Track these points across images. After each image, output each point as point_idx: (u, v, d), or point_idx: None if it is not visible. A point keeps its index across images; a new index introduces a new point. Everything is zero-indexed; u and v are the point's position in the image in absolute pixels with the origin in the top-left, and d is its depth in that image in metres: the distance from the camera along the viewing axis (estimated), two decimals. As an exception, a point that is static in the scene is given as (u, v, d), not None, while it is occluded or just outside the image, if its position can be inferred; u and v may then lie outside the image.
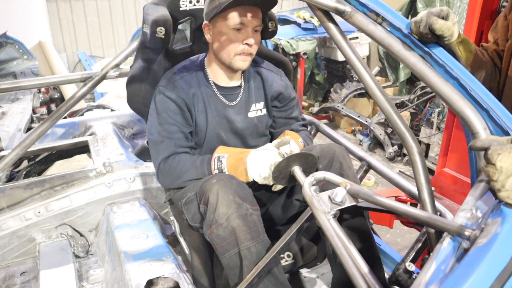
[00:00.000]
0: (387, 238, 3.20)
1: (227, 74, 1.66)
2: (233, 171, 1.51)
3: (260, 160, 1.47)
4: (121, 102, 4.77)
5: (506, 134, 1.11)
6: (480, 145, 0.99)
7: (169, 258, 1.64)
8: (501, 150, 0.91)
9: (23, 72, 4.21)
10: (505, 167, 0.88)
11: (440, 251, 0.81)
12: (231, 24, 1.51)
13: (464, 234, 0.81)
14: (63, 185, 2.15)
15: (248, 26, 1.52)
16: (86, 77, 2.04)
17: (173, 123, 1.59)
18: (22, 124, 3.02)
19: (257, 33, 1.58)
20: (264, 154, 1.48)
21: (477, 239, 0.77)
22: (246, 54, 1.56)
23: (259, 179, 1.47)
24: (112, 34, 6.73)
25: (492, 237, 0.74)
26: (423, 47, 1.25)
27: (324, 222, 1.06)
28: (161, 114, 1.60)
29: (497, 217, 0.80)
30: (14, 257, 2.06)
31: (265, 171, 1.45)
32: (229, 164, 1.52)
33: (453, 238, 0.84)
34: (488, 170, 0.91)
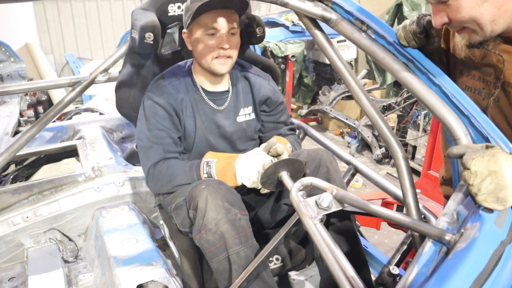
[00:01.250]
0: (374, 239, 3.24)
1: (212, 79, 1.68)
2: (222, 175, 1.52)
3: (249, 164, 1.48)
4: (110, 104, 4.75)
5: (486, 139, 1.15)
6: (456, 151, 1.03)
7: (158, 262, 1.65)
8: (475, 155, 0.95)
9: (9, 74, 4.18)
10: (479, 170, 0.92)
11: (422, 255, 0.84)
12: (204, 29, 1.54)
13: (445, 238, 0.84)
14: (51, 189, 2.15)
15: (222, 30, 1.54)
16: (74, 81, 2.04)
17: (162, 128, 1.61)
18: (9, 127, 2.99)
19: (234, 36, 1.59)
20: (252, 158, 1.50)
21: (457, 243, 0.80)
22: (223, 57, 1.57)
23: (248, 183, 1.49)
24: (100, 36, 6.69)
25: (470, 241, 0.77)
26: (407, 55, 1.28)
27: (311, 227, 1.08)
28: (150, 120, 1.61)
29: (476, 222, 0.83)
30: (1, 262, 2.05)
31: (253, 174, 1.47)
32: (218, 169, 1.53)
33: (434, 242, 0.87)
34: (464, 175, 0.95)
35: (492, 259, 0.74)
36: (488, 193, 0.91)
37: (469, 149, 1.02)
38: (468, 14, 1.07)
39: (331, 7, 1.35)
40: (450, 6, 1.08)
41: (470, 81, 1.32)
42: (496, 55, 1.22)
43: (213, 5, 1.49)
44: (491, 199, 0.90)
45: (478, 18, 1.07)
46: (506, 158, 0.92)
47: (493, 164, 0.91)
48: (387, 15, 5.51)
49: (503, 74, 1.21)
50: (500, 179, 0.90)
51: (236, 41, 1.60)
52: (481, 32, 1.11)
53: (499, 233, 0.81)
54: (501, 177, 0.90)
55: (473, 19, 1.08)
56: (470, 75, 1.32)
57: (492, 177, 0.91)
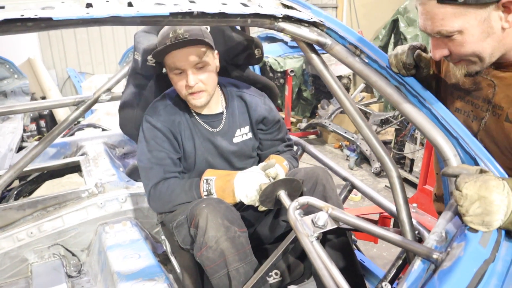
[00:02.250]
0: (373, 252, 3.28)
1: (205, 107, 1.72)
2: (221, 192, 1.58)
3: (247, 182, 1.54)
4: (111, 119, 4.81)
5: (474, 160, 1.21)
6: (451, 172, 1.09)
7: (161, 278, 1.69)
8: (468, 179, 1.00)
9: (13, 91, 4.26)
10: (470, 194, 0.97)
11: (411, 273, 0.89)
12: (170, 70, 1.59)
13: (432, 257, 0.89)
14: (55, 205, 2.20)
15: (186, 68, 1.56)
16: (78, 101, 2.11)
17: (161, 149, 1.66)
18: (13, 143, 3.05)
19: (203, 69, 1.58)
20: (250, 176, 1.55)
21: (443, 262, 0.85)
22: (196, 93, 1.60)
23: (246, 200, 1.54)
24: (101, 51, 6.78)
25: (455, 260, 0.82)
26: (398, 79, 1.35)
27: (307, 245, 1.13)
28: (149, 142, 1.67)
29: (462, 241, 0.88)
30: (6, 277, 2.08)
31: (251, 192, 1.52)
32: (217, 186, 1.58)
33: (423, 260, 0.92)
34: (455, 195, 1.00)
35: (476, 277, 0.79)
36: (475, 215, 0.96)
37: (464, 170, 1.07)
38: (472, 48, 1.12)
39: (326, 32, 1.41)
40: (454, 40, 1.12)
41: (459, 103, 1.38)
42: (487, 80, 1.28)
43: (169, 49, 1.53)
44: (477, 221, 0.95)
45: (480, 52, 1.12)
46: (497, 185, 0.97)
47: (484, 190, 0.97)
48: (384, 30, 5.62)
49: (494, 98, 1.27)
50: (488, 205, 0.95)
51: (206, 73, 1.60)
52: (480, 64, 1.16)
53: (483, 252, 0.86)
54: (490, 203, 0.95)
55: (476, 53, 1.13)
56: (460, 98, 1.38)
57: (481, 202, 0.96)
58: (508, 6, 1.03)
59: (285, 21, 1.35)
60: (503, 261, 0.92)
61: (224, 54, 1.98)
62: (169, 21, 1.18)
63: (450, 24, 1.07)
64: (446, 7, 1.06)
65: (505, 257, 0.93)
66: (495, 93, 1.26)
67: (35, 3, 1.08)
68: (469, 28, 1.07)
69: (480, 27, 1.06)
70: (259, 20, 1.31)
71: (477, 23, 1.06)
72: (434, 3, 1.07)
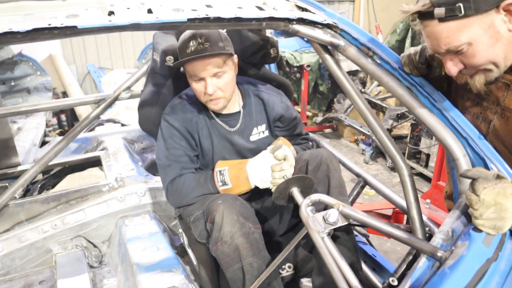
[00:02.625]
0: (387, 247, 3.31)
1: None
2: (235, 181, 1.64)
3: (259, 167, 1.61)
4: (130, 113, 4.91)
5: (483, 160, 1.24)
6: (470, 174, 1.10)
7: (178, 269, 1.76)
8: (487, 185, 1.02)
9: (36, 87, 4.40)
10: (487, 200, 0.99)
11: (416, 270, 0.93)
12: (190, 76, 1.63)
13: (437, 255, 0.93)
14: (78, 199, 2.29)
15: (205, 77, 1.60)
16: (99, 99, 2.19)
17: (179, 147, 1.72)
18: (37, 139, 3.17)
19: (221, 77, 1.62)
20: (261, 161, 1.63)
21: (447, 260, 0.89)
22: (213, 99, 1.65)
23: (261, 184, 1.61)
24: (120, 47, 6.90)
25: (458, 259, 0.86)
26: (410, 80, 1.37)
27: (318, 240, 1.18)
28: (167, 140, 1.73)
29: (466, 240, 0.92)
30: (32, 266, 2.19)
31: (265, 175, 1.59)
32: (230, 175, 1.64)
33: (428, 258, 0.96)
34: (471, 199, 1.02)
35: (477, 275, 0.82)
36: (488, 220, 0.99)
37: (483, 174, 1.08)
38: (484, 57, 1.12)
39: (339, 34, 1.44)
40: (466, 53, 1.12)
41: (469, 104, 1.40)
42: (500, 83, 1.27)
43: (189, 61, 1.58)
44: (489, 225, 0.98)
45: (494, 59, 1.12)
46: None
47: (502, 197, 0.99)
48: (401, 24, 5.58)
49: (504, 100, 1.28)
50: (503, 211, 0.98)
51: (224, 81, 1.64)
52: (497, 70, 1.16)
53: (486, 251, 0.89)
54: (505, 209, 0.98)
55: (490, 60, 1.13)
56: (470, 100, 1.40)
57: (497, 207, 0.98)
58: (509, 9, 1.04)
59: (299, 23, 1.38)
60: (507, 260, 0.95)
61: (240, 53, 2.02)
62: (187, 26, 1.24)
63: (456, 38, 1.08)
64: (448, 23, 1.07)
65: (509, 257, 0.96)
66: (507, 96, 1.27)
67: (61, 11, 1.15)
68: (476, 38, 1.07)
69: (487, 34, 1.07)
70: (274, 23, 1.35)
71: (482, 31, 1.06)
72: (436, 22, 1.08)
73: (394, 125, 4.90)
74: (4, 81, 4.40)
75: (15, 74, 4.42)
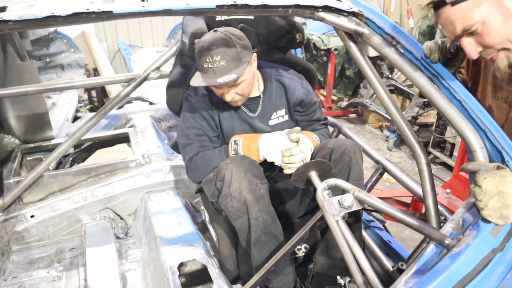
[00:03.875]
0: (405, 234, 3.33)
1: None
2: (246, 151, 1.72)
3: (271, 141, 1.69)
4: (158, 91, 5.02)
5: (500, 153, 1.25)
6: (470, 167, 1.14)
7: (199, 244, 1.85)
8: (487, 175, 1.06)
9: (69, 64, 4.56)
10: (489, 189, 1.03)
11: (423, 255, 0.97)
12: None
13: (445, 242, 0.97)
14: (107, 173, 2.41)
15: (222, 88, 1.65)
16: (130, 78, 2.27)
17: (199, 127, 1.79)
18: (69, 114, 3.30)
19: (239, 85, 1.65)
20: (274, 136, 1.70)
21: (453, 247, 0.93)
22: (232, 101, 1.71)
23: (269, 157, 1.68)
24: (150, 25, 7.00)
25: (464, 247, 0.90)
26: (432, 70, 1.39)
27: (332, 223, 1.23)
28: (188, 120, 1.80)
29: (473, 230, 0.96)
30: (63, 234, 2.34)
31: (274, 149, 1.66)
32: (243, 145, 1.73)
33: (436, 245, 1.00)
34: (474, 191, 1.06)
35: (481, 264, 0.86)
36: (494, 209, 1.02)
37: (483, 167, 1.12)
38: (499, 35, 1.16)
39: (364, 22, 1.46)
40: (481, 33, 1.16)
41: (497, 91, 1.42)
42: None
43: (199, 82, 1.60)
44: (495, 214, 1.01)
45: (509, 36, 1.16)
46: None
47: (503, 185, 1.02)
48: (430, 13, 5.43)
49: None
50: (507, 199, 1.01)
51: (242, 87, 1.67)
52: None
53: (493, 241, 0.93)
54: (508, 197, 1.01)
55: (505, 38, 1.16)
56: (497, 86, 1.41)
57: (500, 196, 1.01)
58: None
59: (324, 11, 1.41)
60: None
61: (266, 37, 2.06)
62: (216, 12, 1.28)
63: (470, 18, 1.13)
64: (459, 5, 1.13)
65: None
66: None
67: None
68: (488, 16, 1.12)
69: (497, 12, 1.11)
70: (300, 10, 1.38)
71: (493, 9, 1.11)
72: (449, 7, 1.14)
73: (420, 113, 4.84)
74: (40, 57, 4.58)
75: (50, 50, 4.59)
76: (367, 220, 2.15)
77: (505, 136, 1.28)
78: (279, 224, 1.66)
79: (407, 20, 6.06)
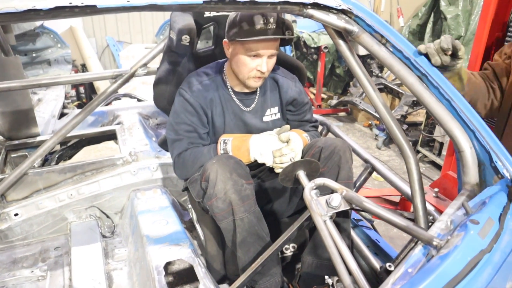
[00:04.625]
0: (393, 233, 3.34)
1: (242, 86, 1.80)
2: (236, 151, 1.69)
3: (262, 142, 1.67)
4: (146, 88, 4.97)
5: (488, 153, 1.25)
6: None
7: (186, 243, 1.83)
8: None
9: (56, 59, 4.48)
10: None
11: (411, 256, 0.96)
12: (247, 51, 1.64)
13: (433, 243, 0.96)
14: (93, 171, 2.37)
15: (264, 55, 1.64)
16: (116, 74, 2.23)
17: (190, 123, 1.76)
18: (56, 110, 3.25)
19: (273, 58, 1.68)
20: (265, 137, 1.69)
21: (441, 249, 0.92)
22: (259, 77, 1.70)
23: (260, 158, 1.66)
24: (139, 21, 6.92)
25: (453, 248, 0.89)
26: (421, 69, 1.38)
27: (320, 223, 1.22)
28: (179, 115, 1.77)
29: (462, 231, 0.95)
30: (48, 233, 2.30)
31: (265, 150, 1.65)
32: (233, 145, 1.70)
33: (424, 246, 0.99)
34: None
35: (468, 265, 0.85)
36: None
37: None
38: None
39: (354, 20, 1.45)
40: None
41: None
42: None
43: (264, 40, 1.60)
44: None
45: None
46: None
47: None
48: (424, 7, 5.46)
49: None
50: None
51: (273, 62, 1.71)
52: None
53: (481, 242, 0.92)
54: None
55: None
56: None
57: None
58: None
59: (314, 8, 1.39)
60: (502, 253, 0.97)
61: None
62: (203, 7, 1.26)
63: None
64: None
65: (504, 249, 0.98)
66: None
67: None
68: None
69: None
70: (288, 7, 1.36)
71: None
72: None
73: (409, 112, 4.86)
74: (26, 53, 4.50)
75: (37, 45, 4.51)
76: (355, 219, 2.14)
77: (493, 137, 1.28)
78: (265, 225, 1.64)
79: (397, 19, 6.07)
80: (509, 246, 1.01)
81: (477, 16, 4.78)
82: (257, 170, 1.86)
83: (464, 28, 4.92)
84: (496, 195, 1.16)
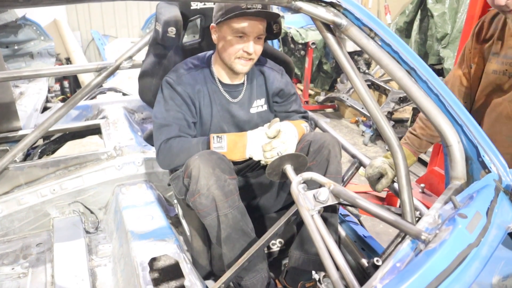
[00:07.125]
0: (379, 228, 3.35)
1: (230, 74, 1.78)
2: (232, 146, 1.64)
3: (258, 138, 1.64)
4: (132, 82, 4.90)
5: (476, 148, 1.25)
6: None
7: (171, 239, 1.80)
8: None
9: (39, 52, 4.38)
10: None
11: (399, 251, 0.95)
12: (233, 31, 1.62)
13: (421, 237, 0.95)
14: (76, 165, 2.32)
15: (250, 35, 1.62)
16: (101, 67, 2.19)
17: (179, 110, 1.71)
18: (38, 104, 3.18)
19: (260, 40, 1.67)
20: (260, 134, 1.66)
21: (430, 243, 0.91)
22: (245, 59, 1.67)
23: (255, 155, 1.63)
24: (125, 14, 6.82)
25: (440, 243, 0.88)
26: (409, 63, 1.37)
27: (307, 218, 1.20)
28: (168, 102, 1.72)
29: (450, 225, 0.94)
30: (30, 229, 2.24)
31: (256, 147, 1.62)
32: (229, 140, 1.65)
33: (412, 240, 0.98)
34: None
35: (457, 259, 0.85)
36: None
37: None
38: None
39: (342, 13, 1.43)
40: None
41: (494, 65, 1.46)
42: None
43: (248, 13, 1.58)
44: None
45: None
46: None
47: None
48: (411, 5, 5.47)
49: None
50: None
51: (260, 46, 1.69)
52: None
53: (469, 236, 0.91)
54: None
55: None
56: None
57: None
58: None
59: (302, 0, 1.37)
60: (489, 247, 0.97)
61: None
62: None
63: None
64: None
65: (491, 243, 0.98)
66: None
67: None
68: None
69: None
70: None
71: None
72: None
73: (396, 108, 4.88)
74: (8, 45, 4.38)
75: (19, 38, 4.40)
76: (342, 214, 2.14)
77: (481, 131, 1.27)
78: (249, 220, 1.61)
79: (384, 16, 6.09)
80: (496, 240, 1.00)
81: (463, 14, 4.81)
82: (244, 164, 1.84)
83: (451, 26, 4.95)
84: (483, 189, 1.16)
